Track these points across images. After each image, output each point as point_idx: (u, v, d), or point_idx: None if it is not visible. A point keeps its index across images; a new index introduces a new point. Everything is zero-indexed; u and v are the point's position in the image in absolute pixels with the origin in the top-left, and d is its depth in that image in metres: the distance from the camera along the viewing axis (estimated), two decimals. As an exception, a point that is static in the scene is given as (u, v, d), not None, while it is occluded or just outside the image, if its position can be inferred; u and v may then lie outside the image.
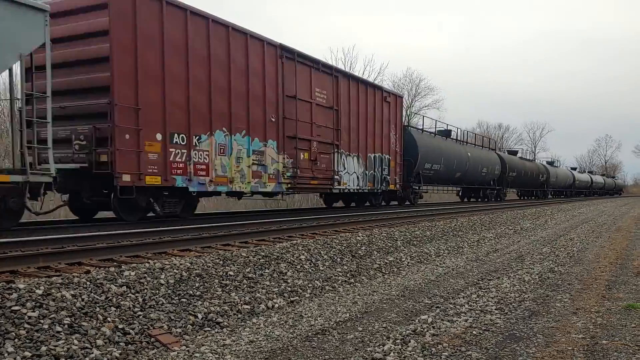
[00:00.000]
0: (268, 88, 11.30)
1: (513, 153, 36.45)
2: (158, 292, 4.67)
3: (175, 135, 9.07)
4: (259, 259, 6.21)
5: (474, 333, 4.21)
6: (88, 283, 4.41)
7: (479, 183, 26.93)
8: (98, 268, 5.04)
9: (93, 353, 3.51)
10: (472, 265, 7.89)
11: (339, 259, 7.27)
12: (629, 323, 4.54)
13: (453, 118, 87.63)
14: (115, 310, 4.14)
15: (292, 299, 5.43)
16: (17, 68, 7.28)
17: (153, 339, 3.95)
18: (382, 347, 3.85)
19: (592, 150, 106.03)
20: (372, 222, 11.45)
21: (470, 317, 4.71)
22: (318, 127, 13.23)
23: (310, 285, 5.95)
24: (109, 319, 3.99)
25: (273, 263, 6.25)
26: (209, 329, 4.36)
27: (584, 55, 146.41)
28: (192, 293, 4.86)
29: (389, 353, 3.70)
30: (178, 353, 3.76)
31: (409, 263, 8.00)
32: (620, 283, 6.41)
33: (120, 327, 3.95)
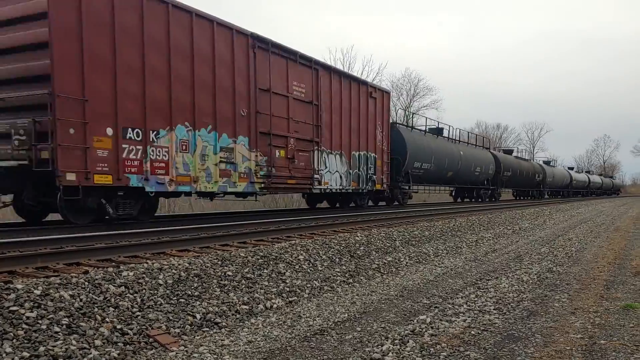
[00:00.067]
0: (238, 80, 10.47)
1: (508, 152, 35.50)
2: (156, 292, 4.67)
3: (129, 130, 8.28)
4: (258, 259, 6.21)
5: (473, 333, 4.21)
6: (86, 283, 4.40)
7: (472, 183, 26.20)
8: (96, 268, 5.03)
9: (91, 353, 3.51)
10: (470, 266, 7.90)
11: (338, 259, 7.27)
12: (627, 323, 4.55)
13: (452, 118, 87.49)
14: (114, 311, 4.14)
15: (290, 299, 5.44)
16: None
17: (151, 339, 3.95)
18: (380, 347, 3.85)
19: (590, 151, 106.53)
20: (370, 222, 11.45)
21: (469, 317, 4.72)
22: (296, 122, 12.38)
23: (309, 286, 5.95)
24: (108, 320, 3.99)
25: (271, 263, 6.25)
26: (208, 329, 4.37)
27: (584, 56, 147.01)
28: (190, 293, 4.86)
29: (388, 353, 3.71)
30: (176, 353, 3.77)
31: (408, 263, 8.00)
32: (619, 283, 6.42)
33: (119, 327, 3.95)
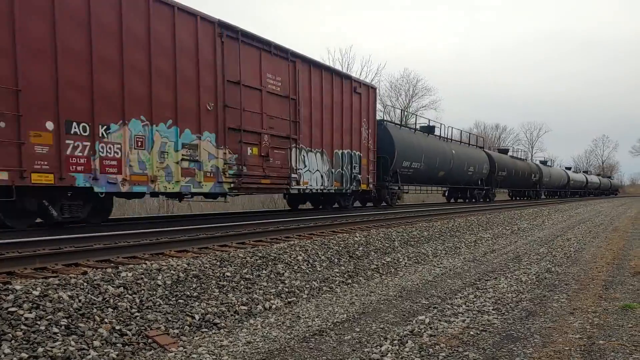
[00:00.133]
0: (203, 71, 9.74)
1: (503, 151, 34.76)
2: (155, 293, 4.67)
3: (74, 125, 7.54)
4: (256, 260, 6.21)
5: (471, 333, 4.22)
6: (85, 284, 4.40)
7: (466, 183, 25.48)
8: (95, 269, 5.02)
9: (90, 354, 3.50)
10: (469, 266, 7.91)
11: (337, 260, 7.27)
12: (626, 323, 4.55)
13: (451, 119, 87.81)
14: (113, 312, 4.14)
15: (289, 300, 5.44)
16: None
17: (150, 340, 3.95)
18: (379, 347, 3.85)
19: (589, 151, 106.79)
20: (369, 222, 11.46)
21: (468, 317, 4.72)
22: (271, 118, 11.57)
23: (308, 286, 5.95)
24: (106, 320, 3.99)
25: (270, 264, 6.25)
26: (206, 330, 4.36)
27: (583, 56, 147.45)
28: (189, 294, 4.86)
29: (387, 354, 3.71)
30: (175, 354, 3.76)
31: (407, 264, 8.00)
32: (617, 283, 6.43)
33: (118, 328, 3.94)
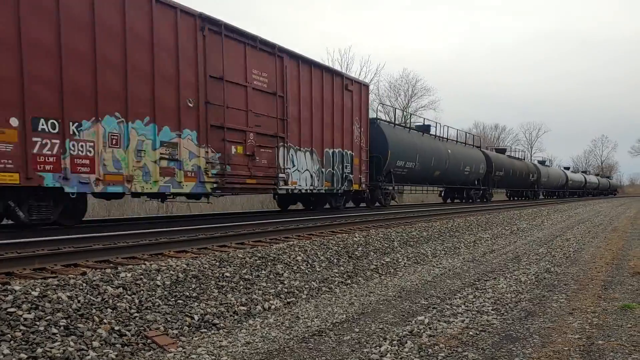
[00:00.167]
0: (184, 66, 9.31)
1: (501, 151, 34.30)
2: (154, 293, 4.66)
3: (42, 121, 7.16)
4: (256, 260, 6.21)
5: (471, 334, 4.22)
6: (84, 284, 4.40)
7: (462, 183, 25.00)
8: (94, 269, 5.02)
9: (89, 355, 3.50)
10: (468, 266, 7.91)
11: (336, 260, 7.27)
12: (625, 323, 4.56)
13: (450, 119, 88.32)
14: (112, 312, 4.14)
15: (288, 300, 5.43)
16: None
17: (149, 341, 3.95)
18: (378, 348, 3.85)
19: (588, 151, 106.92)
20: (368, 222, 11.46)
21: (467, 317, 4.72)
22: (257, 116, 11.11)
23: (307, 287, 5.95)
24: (105, 321, 3.98)
25: (269, 264, 6.25)
26: (206, 331, 4.36)
27: (583, 57, 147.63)
28: (188, 294, 4.86)
29: (386, 354, 3.71)
30: (174, 354, 3.76)
31: (406, 264, 8.01)
32: (617, 283, 6.43)
33: (117, 328, 3.94)
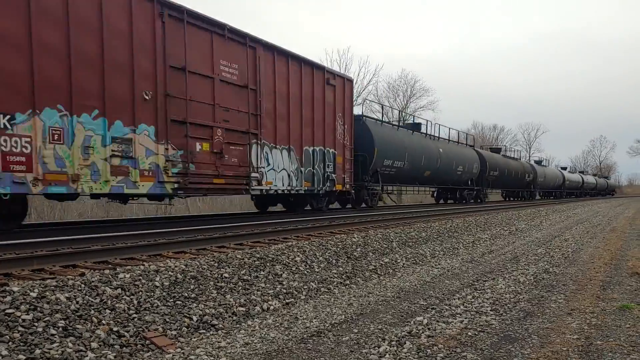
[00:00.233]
0: (139, 55, 8.50)
1: (495, 150, 33.58)
2: (153, 294, 4.66)
3: None
4: (254, 261, 6.20)
5: (469, 334, 4.22)
6: (82, 285, 4.39)
7: (454, 183, 24.23)
8: (93, 270, 5.01)
9: (88, 356, 3.50)
10: (467, 267, 7.91)
11: (335, 261, 7.27)
12: (624, 323, 4.56)
13: (449, 119, 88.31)
14: (110, 313, 4.13)
15: (287, 301, 5.43)
16: None
17: (148, 342, 3.94)
18: (377, 348, 3.85)
19: (586, 151, 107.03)
20: (367, 223, 11.46)
21: (466, 318, 4.72)
22: (225, 110, 10.31)
23: (306, 287, 5.95)
24: (104, 322, 3.98)
25: (268, 265, 6.24)
26: (204, 331, 4.36)
27: (582, 57, 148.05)
28: (187, 295, 4.85)
29: (385, 355, 3.71)
30: (173, 355, 3.76)
31: (405, 264, 8.01)
32: (615, 284, 6.44)
33: (115, 329, 3.93)
